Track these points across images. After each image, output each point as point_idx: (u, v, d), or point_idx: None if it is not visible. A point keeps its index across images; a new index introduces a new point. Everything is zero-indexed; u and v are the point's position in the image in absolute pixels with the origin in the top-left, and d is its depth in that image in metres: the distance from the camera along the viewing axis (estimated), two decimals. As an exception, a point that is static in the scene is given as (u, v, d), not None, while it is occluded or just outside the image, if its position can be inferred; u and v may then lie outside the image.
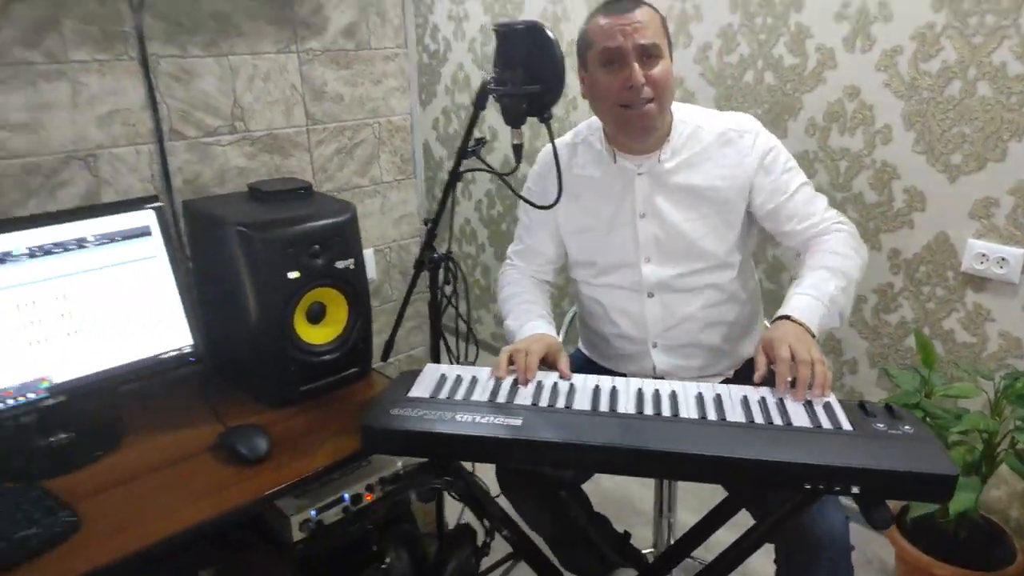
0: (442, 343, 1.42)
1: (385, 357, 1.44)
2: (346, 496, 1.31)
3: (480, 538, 1.18)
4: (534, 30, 1.19)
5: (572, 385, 1.20)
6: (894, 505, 1.62)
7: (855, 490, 0.98)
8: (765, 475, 1.00)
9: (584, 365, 1.62)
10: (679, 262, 1.43)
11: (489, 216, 3.17)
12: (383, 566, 1.12)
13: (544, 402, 1.15)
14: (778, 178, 1.39)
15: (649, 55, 1.30)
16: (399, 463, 1.39)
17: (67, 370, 1.22)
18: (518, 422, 1.08)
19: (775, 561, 1.29)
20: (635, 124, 1.34)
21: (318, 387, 1.37)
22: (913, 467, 0.96)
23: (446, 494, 1.21)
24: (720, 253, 1.42)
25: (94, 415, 1.30)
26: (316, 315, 1.38)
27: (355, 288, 1.39)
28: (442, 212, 1.40)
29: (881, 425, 1.06)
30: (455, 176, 1.35)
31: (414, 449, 1.11)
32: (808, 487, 0.99)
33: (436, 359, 1.38)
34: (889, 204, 1.86)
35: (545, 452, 1.06)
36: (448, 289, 1.40)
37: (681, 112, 1.43)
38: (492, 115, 2.51)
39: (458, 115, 3.19)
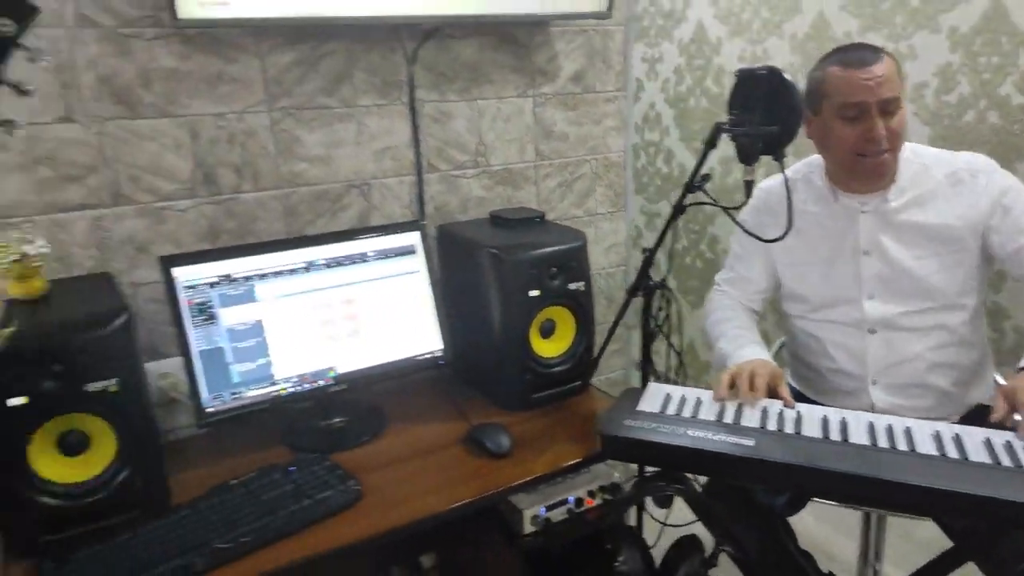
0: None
1: (588, 376, 1.57)
2: (571, 499, 1.43)
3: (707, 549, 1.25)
4: (774, 74, 1.28)
5: (799, 413, 1.25)
6: None
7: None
8: (1015, 516, 1.00)
9: (795, 398, 1.64)
10: (906, 300, 1.43)
11: (674, 250, 3.23)
12: (617, 564, 1.22)
13: (772, 426, 1.21)
14: (1019, 217, 1.37)
15: (889, 108, 1.33)
16: (615, 474, 1.49)
17: (348, 362, 1.44)
18: (750, 442, 1.15)
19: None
20: (870, 172, 1.37)
21: (548, 396, 1.52)
22: None
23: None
24: (950, 293, 1.41)
25: (362, 405, 1.52)
26: (548, 331, 1.52)
27: (583, 307, 1.53)
28: (661, 241, 1.51)
29: None
30: (679, 209, 1.46)
31: (649, 458, 1.21)
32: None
33: (644, 382, 1.47)
34: None
35: (778, 473, 1.12)
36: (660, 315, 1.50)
37: (907, 150, 1.45)
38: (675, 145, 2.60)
39: (647, 151, 3.30)
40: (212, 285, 1.32)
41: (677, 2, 1.97)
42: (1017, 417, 1.13)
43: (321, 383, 1.42)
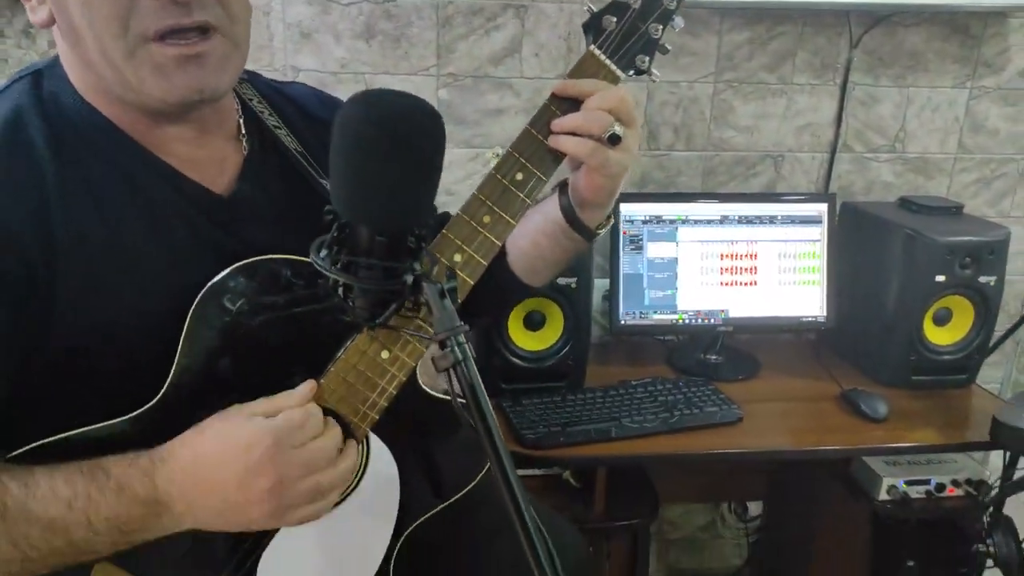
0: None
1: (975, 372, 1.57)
2: (933, 481, 1.47)
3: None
4: None
5: None
6: None
7: None
8: None
9: None
10: None
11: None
12: (986, 547, 1.26)
13: None
14: None
15: None
16: (987, 472, 1.49)
17: (740, 309, 1.64)
18: None
19: None
20: None
21: (929, 380, 1.55)
22: None
23: None
24: None
25: (740, 348, 1.72)
26: (943, 318, 1.55)
27: (990, 302, 1.51)
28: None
29: None
30: None
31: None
32: None
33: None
34: None
35: None
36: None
37: None
38: None
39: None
40: (644, 222, 1.61)
41: None
42: None
43: (712, 322, 1.65)
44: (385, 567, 0.83)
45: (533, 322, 1.49)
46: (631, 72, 0.83)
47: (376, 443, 0.79)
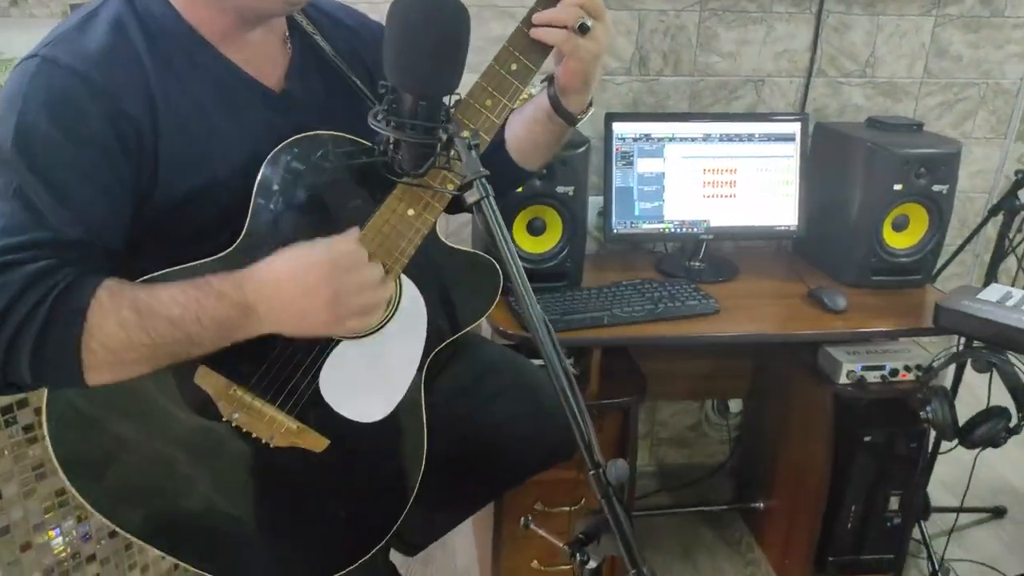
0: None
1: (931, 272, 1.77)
2: (887, 367, 1.67)
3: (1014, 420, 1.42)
4: None
5: None
6: None
7: None
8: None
9: None
10: None
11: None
12: (925, 412, 1.46)
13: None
14: None
15: None
16: (932, 357, 1.69)
17: (720, 219, 1.82)
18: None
19: None
20: None
21: (887, 280, 1.75)
22: None
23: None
24: None
25: (720, 255, 1.91)
26: (901, 224, 1.73)
27: (942, 209, 1.70)
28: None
29: None
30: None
31: (985, 334, 1.40)
32: None
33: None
34: None
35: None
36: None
37: None
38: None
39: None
40: (635, 140, 1.78)
41: None
42: None
43: (695, 231, 1.83)
44: (418, 378, 1.06)
45: (535, 228, 1.67)
46: None
47: (407, 282, 1.00)
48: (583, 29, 0.93)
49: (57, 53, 0.84)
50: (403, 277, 1.00)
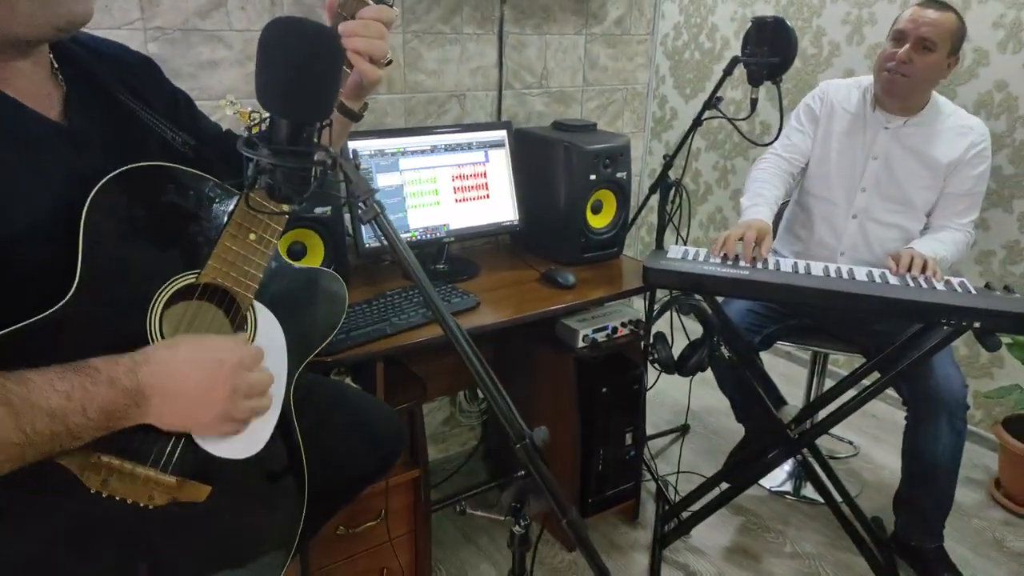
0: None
1: (623, 244, 2.16)
2: (609, 326, 2.01)
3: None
4: (779, 21, 1.82)
5: (777, 261, 1.84)
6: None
7: (976, 325, 1.55)
8: (918, 311, 1.60)
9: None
10: (887, 201, 2.00)
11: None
12: (652, 355, 1.81)
13: (759, 266, 1.80)
14: (963, 181, 1.93)
15: (924, 45, 1.80)
16: (640, 313, 2.08)
17: (456, 222, 1.99)
18: (746, 273, 1.74)
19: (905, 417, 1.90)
20: (884, 85, 1.89)
21: (595, 256, 2.09)
22: (1020, 309, 1.53)
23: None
24: (919, 205, 1.98)
25: (460, 256, 2.07)
26: (597, 208, 2.09)
27: (624, 192, 2.09)
28: (679, 149, 2.07)
29: (999, 293, 1.63)
30: (697, 122, 2.03)
31: (682, 284, 1.77)
32: (943, 322, 1.58)
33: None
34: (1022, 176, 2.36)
35: (768, 290, 1.70)
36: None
37: (939, 101, 1.95)
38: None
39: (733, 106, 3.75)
40: (371, 156, 1.85)
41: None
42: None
43: (438, 235, 1.97)
44: (287, 399, 1.03)
45: (294, 253, 1.65)
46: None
47: (259, 307, 0.98)
48: (388, 63, 1.00)
49: None
50: (255, 303, 0.96)
